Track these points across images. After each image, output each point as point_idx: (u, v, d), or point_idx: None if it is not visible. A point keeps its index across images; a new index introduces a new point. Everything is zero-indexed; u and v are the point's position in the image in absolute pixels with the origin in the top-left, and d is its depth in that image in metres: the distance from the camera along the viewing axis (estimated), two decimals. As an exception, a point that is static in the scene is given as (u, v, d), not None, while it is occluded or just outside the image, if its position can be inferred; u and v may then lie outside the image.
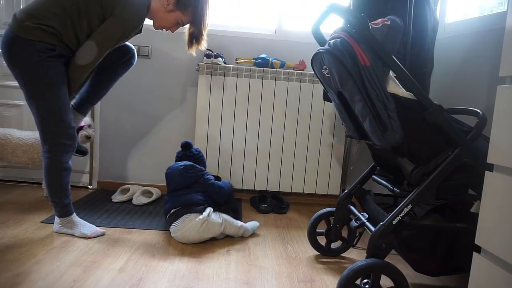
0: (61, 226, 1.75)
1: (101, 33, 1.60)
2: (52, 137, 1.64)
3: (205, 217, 1.71)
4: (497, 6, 1.95)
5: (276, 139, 2.47)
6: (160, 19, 1.77)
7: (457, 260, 1.25)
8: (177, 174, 1.89)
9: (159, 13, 1.75)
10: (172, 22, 1.78)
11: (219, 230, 1.76)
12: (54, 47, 1.56)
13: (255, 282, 1.42)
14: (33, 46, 1.52)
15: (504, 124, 0.88)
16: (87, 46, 1.60)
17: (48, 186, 1.70)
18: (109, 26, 1.60)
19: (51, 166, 1.67)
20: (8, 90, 2.56)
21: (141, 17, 1.68)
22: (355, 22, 1.15)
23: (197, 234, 1.70)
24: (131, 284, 1.34)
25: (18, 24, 1.53)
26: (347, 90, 1.23)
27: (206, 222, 1.71)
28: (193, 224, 1.69)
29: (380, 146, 1.22)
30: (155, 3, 1.72)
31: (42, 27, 1.52)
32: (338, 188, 2.52)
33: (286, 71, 2.41)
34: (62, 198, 1.72)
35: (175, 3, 1.72)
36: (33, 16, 1.53)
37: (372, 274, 1.16)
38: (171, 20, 1.77)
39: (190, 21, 1.81)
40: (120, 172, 2.62)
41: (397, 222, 1.19)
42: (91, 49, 1.60)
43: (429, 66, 1.93)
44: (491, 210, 0.89)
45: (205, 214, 1.73)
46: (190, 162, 1.95)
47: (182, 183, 1.86)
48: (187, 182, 1.86)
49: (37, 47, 1.53)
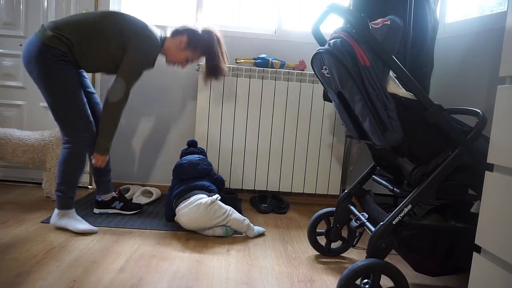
0: (59, 218, 1.80)
1: (125, 70, 1.78)
2: (73, 131, 1.78)
3: (215, 198, 1.79)
4: (497, 6, 1.95)
5: (276, 139, 2.47)
6: (172, 56, 1.96)
7: (457, 260, 1.25)
8: (194, 164, 2.01)
9: (171, 50, 1.95)
10: (183, 59, 1.97)
11: (224, 216, 1.79)
12: (66, 55, 1.72)
13: (255, 282, 1.42)
14: (48, 50, 1.68)
15: (504, 124, 0.88)
16: (117, 83, 1.77)
17: (61, 175, 1.80)
18: (131, 61, 1.78)
19: (70, 156, 1.79)
20: (8, 90, 2.56)
21: (156, 52, 1.87)
22: (355, 22, 1.14)
23: (203, 212, 1.74)
24: (131, 284, 1.34)
25: (42, 32, 1.71)
26: (347, 90, 1.23)
27: (214, 204, 1.76)
28: (202, 202, 1.74)
29: (380, 146, 1.22)
30: (168, 41, 1.94)
31: (60, 37, 1.70)
32: (338, 188, 2.52)
33: (286, 71, 2.41)
34: (70, 189, 1.81)
35: (187, 43, 1.92)
36: (56, 27, 1.72)
37: (372, 274, 1.16)
38: (182, 57, 1.96)
39: (199, 58, 2.01)
40: (120, 172, 2.61)
41: (397, 222, 1.19)
42: (120, 85, 1.77)
43: (429, 66, 1.93)
44: (491, 210, 0.89)
45: (215, 196, 1.81)
46: (202, 156, 2.11)
47: (197, 173, 1.99)
48: (202, 172, 2.00)
49: (52, 51, 1.69)
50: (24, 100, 2.57)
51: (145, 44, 1.80)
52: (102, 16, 1.80)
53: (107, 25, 1.78)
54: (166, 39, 1.94)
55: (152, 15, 2.69)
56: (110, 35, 1.77)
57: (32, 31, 2.51)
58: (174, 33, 1.94)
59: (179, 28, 1.95)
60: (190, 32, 1.93)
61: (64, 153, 1.79)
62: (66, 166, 1.79)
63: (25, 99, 2.57)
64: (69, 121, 1.77)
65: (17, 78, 2.55)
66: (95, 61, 1.81)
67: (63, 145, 1.81)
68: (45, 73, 1.70)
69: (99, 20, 1.78)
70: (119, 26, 1.78)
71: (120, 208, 2.07)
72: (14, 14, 2.51)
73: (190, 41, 1.92)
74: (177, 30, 1.94)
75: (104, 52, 1.79)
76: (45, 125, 2.57)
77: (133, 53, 1.77)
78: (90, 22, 1.76)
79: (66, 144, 1.79)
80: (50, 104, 1.76)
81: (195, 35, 1.93)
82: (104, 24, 1.77)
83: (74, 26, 1.74)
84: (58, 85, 1.72)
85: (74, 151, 1.79)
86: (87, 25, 1.75)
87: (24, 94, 2.57)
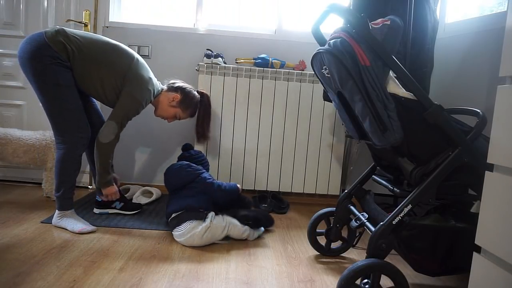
0: (59, 219, 1.81)
1: (119, 114, 1.82)
2: (67, 132, 1.77)
3: (208, 224, 1.70)
4: (497, 6, 1.95)
5: (276, 139, 2.47)
6: (161, 110, 2.02)
7: (457, 260, 1.25)
8: (173, 174, 1.91)
9: (162, 105, 2.00)
10: (171, 115, 2.04)
11: (223, 233, 1.75)
12: (64, 61, 1.72)
13: (255, 282, 1.42)
14: (49, 51, 1.68)
15: (504, 124, 0.88)
16: (109, 125, 1.81)
17: (57, 176, 1.80)
18: (124, 105, 1.82)
19: (65, 157, 1.78)
20: (8, 90, 2.56)
21: (147, 100, 1.91)
22: (355, 22, 1.14)
23: (200, 240, 1.69)
24: (131, 284, 1.34)
25: (52, 33, 1.71)
26: (347, 90, 1.23)
27: (209, 229, 1.70)
28: (196, 232, 1.68)
29: (380, 146, 1.22)
30: (162, 95, 2.00)
31: (66, 45, 1.71)
32: (338, 188, 2.52)
33: (286, 71, 2.41)
34: (66, 190, 1.80)
35: (179, 101, 2.00)
36: (67, 36, 1.73)
37: (372, 274, 1.16)
38: (171, 113, 2.03)
39: (187, 118, 2.11)
40: (120, 172, 2.61)
41: (397, 222, 1.19)
42: (113, 128, 1.81)
43: (429, 66, 1.92)
44: (491, 210, 0.89)
45: (208, 221, 1.71)
46: (187, 162, 1.96)
47: (179, 183, 1.87)
48: (183, 181, 1.87)
49: (51, 53, 1.68)
50: (24, 100, 2.57)
51: (140, 92, 1.84)
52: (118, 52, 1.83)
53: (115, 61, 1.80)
54: (162, 91, 2.00)
55: (152, 15, 2.69)
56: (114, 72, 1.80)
57: (32, 31, 2.51)
58: (170, 88, 2.02)
59: (175, 85, 2.02)
60: (184, 92, 2.01)
61: (58, 154, 1.78)
62: (61, 167, 1.78)
63: (25, 99, 2.57)
64: (63, 121, 1.75)
65: (17, 78, 2.55)
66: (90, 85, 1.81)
67: (57, 145, 1.79)
68: (39, 72, 1.68)
69: (108, 51, 1.80)
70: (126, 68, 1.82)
71: (120, 208, 2.07)
72: (14, 14, 2.51)
73: (183, 100, 2.00)
74: (173, 86, 2.01)
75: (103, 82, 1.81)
76: (45, 125, 2.57)
77: (126, 95, 1.82)
78: (103, 50, 1.79)
79: (60, 144, 1.78)
80: (43, 103, 1.74)
81: (189, 95, 2.02)
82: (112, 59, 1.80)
83: (86, 43, 1.76)
84: (51, 83, 1.70)
85: (69, 152, 1.78)
86: (99, 51, 1.78)
87: (24, 94, 2.57)
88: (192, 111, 2.07)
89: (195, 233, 1.68)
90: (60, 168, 1.78)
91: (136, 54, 1.91)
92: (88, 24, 2.48)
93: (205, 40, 2.56)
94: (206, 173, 1.94)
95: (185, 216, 1.73)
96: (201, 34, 2.56)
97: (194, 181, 1.86)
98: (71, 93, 1.75)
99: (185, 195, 1.82)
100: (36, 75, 1.69)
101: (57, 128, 1.76)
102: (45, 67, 1.67)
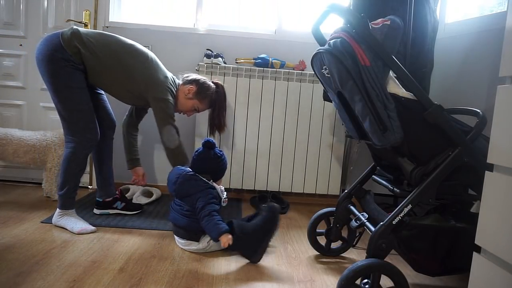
0: (59, 218, 1.82)
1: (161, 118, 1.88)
2: (76, 132, 1.79)
3: (205, 246, 1.65)
4: (497, 6, 1.95)
5: (276, 139, 2.47)
6: (179, 104, 2.01)
7: (457, 260, 1.25)
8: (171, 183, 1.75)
9: (180, 99, 2.00)
10: (189, 108, 2.03)
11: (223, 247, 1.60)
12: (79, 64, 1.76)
13: (255, 282, 1.42)
14: (64, 54, 1.71)
15: (504, 124, 0.88)
16: (164, 132, 1.88)
17: (62, 174, 1.81)
18: (161, 109, 1.87)
19: (72, 156, 1.79)
20: (8, 90, 2.56)
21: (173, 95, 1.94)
22: (355, 22, 1.14)
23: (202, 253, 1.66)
24: (131, 284, 1.34)
25: (68, 36, 1.73)
26: (347, 90, 1.23)
27: (208, 248, 1.66)
28: (196, 249, 1.66)
29: (380, 146, 1.22)
30: (178, 90, 2.01)
31: (81, 50, 1.74)
32: (338, 188, 2.52)
33: (286, 71, 2.41)
34: (70, 189, 1.82)
35: (195, 92, 1.99)
36: (82, 41, 1.75)
37: (372, 274, 1.16)
38: (189, 106, 2.02)
39: (205, 109, 2.09)
40: (120, 172, 2.61)
41: (397, 222, 1.19)
42: (168, 131, 1.89)
43: (429, 66, 1.92)
44: (491, 210, 0.89)
45: (205, 243, 1.65)
46: (190, 173, 1.72)
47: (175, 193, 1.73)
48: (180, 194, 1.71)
49: (67, 57, 1.71)
50: (24, 100, 2.58)
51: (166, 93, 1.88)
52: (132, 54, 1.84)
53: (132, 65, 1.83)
54: (178, 86, 2.02)
55: (152, 15, 2.69)
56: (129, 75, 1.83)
57: (32, 31, 2.52)
58: (184, 82, 2.02)
59: (189, 78, 2.02)
60: (199, 82, 2.01)
61: (66, 153, 1.80)
62: (67, 166, 1.80)
63: (25, 99, 2.57)
64: (73, 122, 1.78)
65: (17, 78, 2.55)
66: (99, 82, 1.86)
67: (66, 144, 1.82)
68: (53, 73, 1.71)
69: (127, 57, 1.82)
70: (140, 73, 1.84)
71: (122, 208, 2.07)
72: (14, 14, 2.51)
73: (198, 91, 1.99)
74: (188, 79, 2.02)
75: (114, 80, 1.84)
76: (45, 125, 2.57)
77: (160, 103, 1.87)
78: (117, 53, 1.80)
79: (69, 143, 1.80)
80: (56, 104, 1.77)
81: (204, 86, 2.01)
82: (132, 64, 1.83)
83: (100, 47, 1.78)
84: (64, 85, 1.73)
85: (76, 152, 1.79)
86: (113, 55, 1.80)
87: (24, 94, 2.57)
88: (209, 101, 2.04)
89: (195, 249, 1.66)
90: (66, 167, 1.80)
91: (150, 53, 1.93)
92: (88, 24, 2.48)
93: (205, 40, 2.56)
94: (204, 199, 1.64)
95: (184, 234, 1.68)
96: (201, 34, 2.56)
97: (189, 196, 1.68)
98: (83, 95, 1.78)
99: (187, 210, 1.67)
100: (50, 76, 1.72)
101: (67, 127, 1.79)
102: (59, 69, 1.71)
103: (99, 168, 2.05)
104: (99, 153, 2.04)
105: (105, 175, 2.06)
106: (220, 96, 2.07)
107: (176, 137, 1.91)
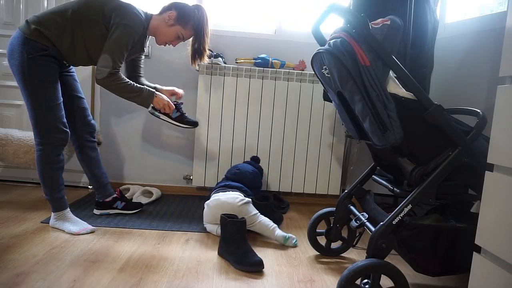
0: (56, 220, 1.80)
1: (108, 44, 1.70)
2: (43, 132, 1.72)
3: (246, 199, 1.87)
4: (497, 6, 1.95)
5: (276, 139, 2.47)
6: (161, 34, 1.87)
7: (457, 260, 1.25)
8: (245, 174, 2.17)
9: (160, 28, 1.86)
10: (173, 36, 1.88)
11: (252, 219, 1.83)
12: (47, 48, 1.68)
13: (255, 282, 1.42)
14: (28, 44, 1.65)
15: (504, 124, 0.88)
16: (101, 59, 1.70)
17: (40, 178, 1.77)
18: (114, 33, 1.70)
19: (42, 159, 1.73)
20: (8, 90, 2.56)
21: (140, 23, 1.77)
22: (355, 22, 1.14)
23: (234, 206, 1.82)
24: (131, 284, 1.34)
25: (25, 26, 1.68)
26: (347, 90, 1.23)
27: (244, 204, 1.84)
28: (234, 197, 1.86)
29: (380, 146, 1.22)
30: (155, 20, 1.86)
31: (40, 30, 1.66)
32: (338, 188, 2.52)
33: (286, 71, 2.41)
34: (53, 191, 1.77)
35: (176, 18, 1.84)
36: (39, 21, 1.68)
37: (372, 274, 1.16)
38: (172, 34, 1.87)
39: (191, 36, 1.92)
40: (120, 172, 2.62)
41: (397, 222, 1.19)
42: (105, 60, 1.69)
43: (429, 66, 1.93)
44: (491, 210, 0.89)
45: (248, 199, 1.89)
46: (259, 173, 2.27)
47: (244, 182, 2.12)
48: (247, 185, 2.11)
49: (31, 45, 1.65)
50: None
51: (128, 16, 1.71)
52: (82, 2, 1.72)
53: (89, 11, 1.71)
54: (152, 16, 1.87)
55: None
56: (94, 20, 1.70)
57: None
58: (162, 10, 1.88)
59: (166, 4, 1.87)
60: (178, 6, 1.85)
61: (36, 156, 1.74)
62: (42, 170, 1.74)
63: (25, 99, 2.57)
64: (41, 119, 1.69)
65: (17, 78, 2.55)
66: (84, 52, 1.75)
67: (35, 147, 1.74)
68: (21, 67, 1.64)
69: (79, 8, 1.71)
70: (101, 7, 1.71)
71: (122, 208, 2.07)
72: (14, 14, 2.51)
73: (179, 15, 1.84)
74: (164, 7, 1.87)
75: (92, 40, 1.73)
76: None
77: (116, 26, 1.69)
78: (70, 12, 1.70)
79: (37, 146, 1.73)
80: (24, 99, 1.70)
81: (184, 9, 1.86)
82: (85, 11, 1.70)
83: (56, 18, 1.68)
84: (32, 79, 1.66)
85: (45, 153, 1.73)
86: (68, 15, 1.69)
87: (24, 94, 2.56)
88: (193, 25, 1.87)
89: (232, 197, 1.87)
90: (41, 171, 1.74)
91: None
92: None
93: (205, 40, 2.55)
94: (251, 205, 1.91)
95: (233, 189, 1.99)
96: (201, 34, 2.56)
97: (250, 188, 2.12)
98: (51, 90, 1.70)
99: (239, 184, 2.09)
100: (18, 71, 1.66)
101: (35, 126, 1.71)
102: (26, 61, 1.64)
103: (91, 173, 2.00)
104: (85, 161, 1.98)
105: (98, 178, 2.01)
106: (203, 19, 1.89)
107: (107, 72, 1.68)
